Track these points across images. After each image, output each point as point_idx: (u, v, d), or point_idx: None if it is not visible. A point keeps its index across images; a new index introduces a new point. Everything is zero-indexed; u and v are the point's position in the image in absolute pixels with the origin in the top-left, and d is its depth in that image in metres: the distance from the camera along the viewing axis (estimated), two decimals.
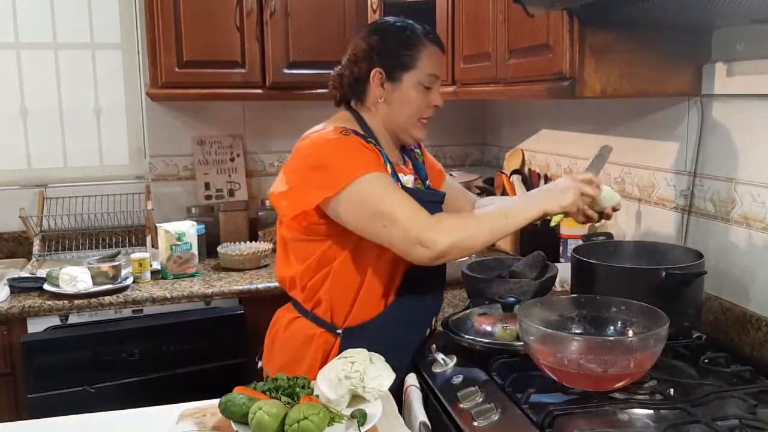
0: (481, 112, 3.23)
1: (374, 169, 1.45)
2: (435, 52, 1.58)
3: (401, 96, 1.58)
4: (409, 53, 1.55)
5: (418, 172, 1.72)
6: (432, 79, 1.58)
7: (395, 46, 1.56)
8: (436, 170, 1.85)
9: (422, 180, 1.72)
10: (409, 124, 1.60)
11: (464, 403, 1.36)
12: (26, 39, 2.73)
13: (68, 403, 2.06)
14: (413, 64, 1.55)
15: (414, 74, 1.56)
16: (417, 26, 1.60)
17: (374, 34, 1.59)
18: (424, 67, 1.56)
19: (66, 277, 2.20)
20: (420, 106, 1.59)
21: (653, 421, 1.21)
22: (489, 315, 1.62)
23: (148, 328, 2.21)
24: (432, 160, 1.87)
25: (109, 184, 2.83)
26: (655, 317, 1.33)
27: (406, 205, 1.44)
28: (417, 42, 1.56)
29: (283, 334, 1.66)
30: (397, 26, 1.59)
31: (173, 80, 2.54)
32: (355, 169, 1.44)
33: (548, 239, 2.33)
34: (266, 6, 2.56)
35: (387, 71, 1.56)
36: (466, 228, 1.44)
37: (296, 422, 1.18)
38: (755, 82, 1.57)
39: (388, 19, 1.63)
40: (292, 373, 1.51)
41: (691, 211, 1.80)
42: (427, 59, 1.56)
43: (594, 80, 1.65)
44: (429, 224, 1.42)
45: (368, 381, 1.32)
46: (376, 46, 1.56)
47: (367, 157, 1.48)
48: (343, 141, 1.48)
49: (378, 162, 1.50)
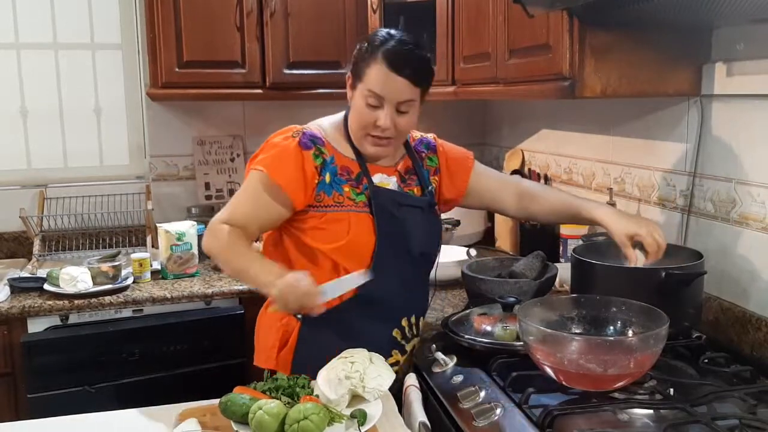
0: (481, 112, 3.23)
1: (266, 171, 1.55)
2: (382, 72, 1.50)
3: (353, 104, 1.58)
4: (362, 64, 1.54)
5: (419, 177, 1.71)
6: (374, 98, 1.52)
7: (358, 54, 1.56)
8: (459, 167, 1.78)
9: (423, 186, 1.70)
10: (358, 136, 1.59)
11: (464, 403, 1.36)
12: (26, 39, 2.73)
13: (68, 403, 2.06)
14: (362, 76, 1.54)
15: (361, 87, 1.54)
16: (388, 41, 1.53)
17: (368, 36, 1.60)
18: (367, 82, 1.53)
19: (66, 277, 2.20)
20: (363, 121, 1.56)
21: (653, 421, 1.21)
22: (489, 315, 1.62)
23: (149, 328, 2.21)
24: (454, 158, 1.79)
25: (110, 184, 2.83)
26: (655, 317, 1.33)
27: (234, 204, 1.59)
28: (369, 56, 1.52)
29: (259, 319, 1.73)
30: (372, 36, 1.57)
31: (173, 80, 2.54)
32: (259, 162, 1.57)
33: (548, 239, 2.34)
34: (266, 6, 2.56)
35: (351, 76, 1.58)
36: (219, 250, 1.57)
37: (296, 422, 1.18)
38: (755, 82, 1.57)
39: (391, 30, 1.59)
40: (260, 355, 1.67)
41: (691, 211, 1.80)
42: (371, 75, 1.52)
43: (594, 80, 1.65)
44: (212, 226, 1.58)
45: (368, 381, 1.32)
46: (356, 49, 1.58)
47: (279, 159, 1.55)
48: (278, 141, 1.59)
49: (286, 168, 1.54)
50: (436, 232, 1.74)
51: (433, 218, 1.72)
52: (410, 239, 1.63)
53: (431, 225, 1.71)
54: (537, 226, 2.43)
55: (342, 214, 1.57)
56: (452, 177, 1.77)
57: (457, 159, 1.79)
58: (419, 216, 1.65)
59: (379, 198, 1.60)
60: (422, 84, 1.56)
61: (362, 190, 1.60)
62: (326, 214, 1.57)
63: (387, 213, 1.60)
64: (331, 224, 1.57)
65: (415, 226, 1.64)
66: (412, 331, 1.70)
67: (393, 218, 1.60)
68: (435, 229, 1.73)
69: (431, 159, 1.76)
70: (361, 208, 1.59)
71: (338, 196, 1.58)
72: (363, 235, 1.57)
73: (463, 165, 1.79)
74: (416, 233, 1.64)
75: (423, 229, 1.66)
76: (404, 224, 1.62)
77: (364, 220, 1.58)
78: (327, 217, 1.57)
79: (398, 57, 1.51)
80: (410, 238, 1.63)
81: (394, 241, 1.60)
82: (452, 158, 1.78)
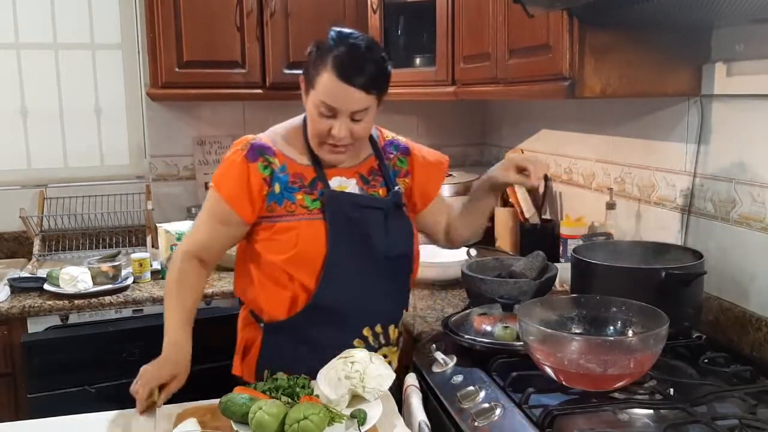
0: (481, 112, 3.23)
1: (215, 186, 1.56)
2: (332, 82, 1.43)
3: (307, 111, 1.53)
4: (312, 71, 1.48)
5: (385, 178, 1.64)
6: (326, 108, 1.46)
7: (310, 59, 1.50)
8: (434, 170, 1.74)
9: (389, 186, 1.63)
10: (314, 143, 1.54)
11: (464, 403, 1.36)
12: (26, 39, 2.73)
13: (68, 403, 2.06)
14: (313, 83, 1.48)
15: (313, 95, 1.48)
16: (338, 46, 1.45)
17: (319, 40, 1.52)
18: (319, 92, 1.46)
19: (66, 277, 2.20)
20: (318, 130, 1.50)
21: (653, 421, 1.22)
22: (489, 315, 1.62)
23: (149, 328, 2.20)
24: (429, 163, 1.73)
25: (110, 184, 2.83)
26: (655, 317, 1.33)
27: (194, 229, 1.61)
28: (319, 63, 1.45)
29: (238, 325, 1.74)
30: (327, 41, 1.48)
31: (173, 80, 2.54)
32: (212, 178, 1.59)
33: (548, 239, 2.34)
34: (266, 6, 2.56)
35: (304, 80, 1.53)
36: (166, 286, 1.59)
37: (296, 422, 1.18)
38: (755, 82, 1.57)
39: (343, 31, 1.50)
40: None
41: (691, 211, 1.80)
42: (322, 85, 1.45)
43: (594, 80, 1.65)
44: (173, 256, 1.62)
45: (368, 381, 1.32)
46: (308, 52, 1.52)
47: (226, 174, 1.55)
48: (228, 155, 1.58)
49: (232, 182, 1.53)
50: (406, 233, 1.65)
51: (402, 219, 1.64)
52: (372, 243, 1.56)
53: (399, 226, 1.63)
54: (537, 226, 2.43)
55: (292, 223, 1.52)
56: (427, 180, 1.72)
57: (432, 163, 1.73)
58: (382, 218, 1.58)
59: (333, 202, 1.54)
60: (377, 91, 1.48)
61: (317, 197, 1.54)
62: (276, 224, 1.53)
63: (343, 217, 1.54)
64: (281, 234, 1.53)
65: (378, 229, 1.57)
66: (379, 340, 1.62)
67: (350, 222, 1.54)
68: (404, 230, 1.64)
69: (401, 161, 1.69)
70: (315, 215, 1.53)
71: (290, 204, 1.53)
72: (314, 243, 1.52)
73: (438, 168, 1.74)
74: (379, 236, 1.57)
75: (389, 231, 1.59)
76: (365, 227, 1.56)
77: (316, 227, 1.52)
78: (276, 227, 1.53)
79: (349, 65, 1.43)
80: (372, 241, 1.56)
81: (353, 246, 1.54)
82: (427, 163, 1.72)
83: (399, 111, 3.05)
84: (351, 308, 1.56)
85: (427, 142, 3.17)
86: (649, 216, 1.98)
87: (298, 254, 1.51)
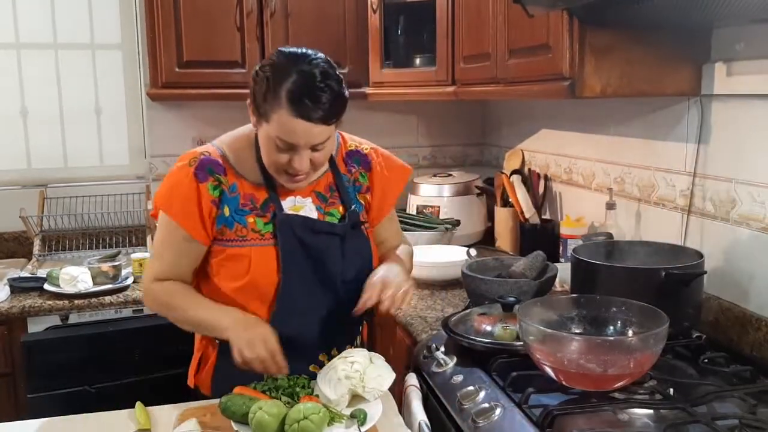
0: (481, 112, 3.23)
1: (164, 209, 1.45)
2: (289, 120, 1.31)
3: (260, 138, 1.42)
4: (264, 104, 1.34)
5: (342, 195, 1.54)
6: (283, 143, 1.35)
7: (258, 87, 1.36)
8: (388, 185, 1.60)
9: (347, 204, 1.54)
10: (271, 170, 1.43)
11: (464, 403, 1.36)
12: (27, 39, 2.73)
13: (68, 402, 2.06)
14: (266, 117, 1.35)
15: (267, 127, 1.36)
16: (289, 75, 1.32)
17: (265, 63, 1.39)
18: (274, 129, 1.34)
19: (66, 277, 2.20)
20: (275, 161, 1.39)
21: (653, 421, 1.21)
22: (489, 315, 1.62)
23: (149, 327, 2.21)
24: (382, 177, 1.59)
25: (110, 184, 2.83)
26: (655, 317, 1.33)
27: (155, 256, 1.51)
28: (273, 99, 1.32)
29: None
30: (273, 66, 1.35)
31: (173, 80, 2.54)
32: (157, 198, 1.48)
33: (548, 239, 2.34)
34: (266, 6, 2.56)
35: (253, 107, 1.40)
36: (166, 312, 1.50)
37: (296, 422, 1.18)
38: (755, 82, 1.57)
39: (290, 51, 1.37)
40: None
41: (691, 211, 1.80)
42: (276, 122, 1.33)
43: (594, 80, 1.65)
44: (145, 289, 1.52)
45: (368, 381, 1.33)
46: (252, 77, 1.39)
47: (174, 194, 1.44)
48: (174, 171, 1.47)
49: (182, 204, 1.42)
50: (365, 255, 1.55)
51: (359, 239, 1.54)
52: (328, 268, 1.48)
53: (356, 248, 1.53)
54: (537, 226, 2.43)
55: (243, 250, 1.43)
56: (383, 195, 1.60)
57: (389, 178, 1.60)
58: (338, 241, 1.49)
59: (285, 227, 1.44)
60: (336, 118, 1.37)
61: (270, 219, 1.45)
62: (227, 249, 1.44)
63: (297, 242, 1.45)
64: (231, 261, 1.44)
65: (334, 252, 1.49)
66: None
67: (304, 247, 1.46)
68: (362, 252, 1.54)
69: (363, 175, 1.58)
70: (267, 241, 1.44)
71: (241, 229, 1.44)
72: (265, 272, 1.43)
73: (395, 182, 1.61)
74: (335, 260, 1.49)
75: (345, 254, 1.50)
76: (319, 253, 1.47)
77: (268, 254, 1.44)
78: (227, 252, 1.44)
79: (307, 100, 1.30)
80: (328, 266, 1.48)
81: (307, 273, 1.47)
82: (384, 178, 1.59)
83: (399, 111, 3.06)
84: (306, 338, 1.48)
85: (427, 142, 3.22)
86: (649, 216, 1.98)
87: (249, 284, 1.43)
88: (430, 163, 3.19)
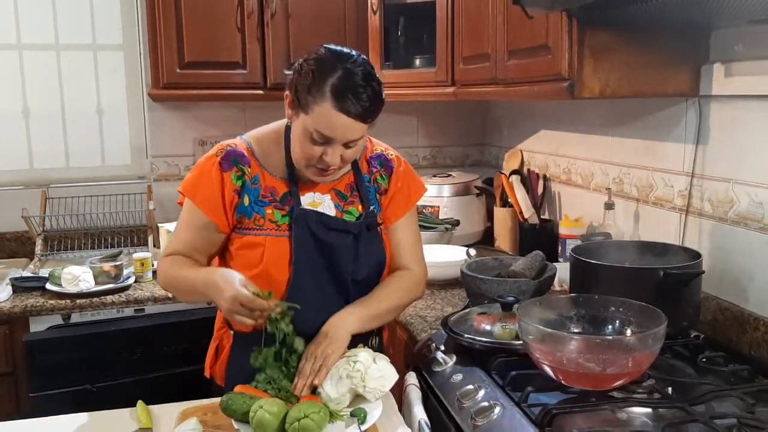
0: (481, 112, 3.24)
1: (188, 195, 1.51)
2: (331, 113, 1.35)
3: (295, 132, 1.44)
4: (306, 95, 1.37)
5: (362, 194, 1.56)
6: (320, 136, 1.38)
7: (301, 79, 1.39)
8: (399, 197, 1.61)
9: (365, 204, 1.55)
10: (300, 164, 1.46)
11: (464, 401, 1.37)
12: (28, 40, 2.74)
13: (70, 402, 2.07)
14: (306, 109, 1.38)
15: (305, 120, 1.39)
16: (335, 70, 1.36)
17: (310, 56, 1.41)
18: (314, 120, 1.37)
19: (68, 277, 2.21)
20: (307, 153, 1.42)
21: (652, 420, 1.22)
22: (488, 314, 1.62)
23: (150, 327, 2.22)
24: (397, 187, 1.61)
25: (111, 184, 2.84)
26: (654, 317, 1.33)
27: (174, 236, 1.55)
28: (315, 89, 1.36)
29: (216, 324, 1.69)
30: (319, 60, 1.38)
31: (174, 81, 2.55)
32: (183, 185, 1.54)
33: (548, 239, 2.34)
34: (267, 7, 2.57)
35: (292, 99, 1.43)
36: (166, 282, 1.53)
37: (297, 420, 1.19)
38: (753, 83, 1.57)
39: (336, 49, 1.41)
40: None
41: (689, 211, 1.81)
42: (317, 114, 1.36)
43: (593, 81, 1.66)
44: (158, 262, 1.57)
45: (369, 381, 1.33)
46: (296, 69, 1.42)
47: (199, 182, 1.50)
48: (202, 161, 1.53)
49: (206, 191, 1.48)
50: (378, 258, 1.56)
51: (374, 242, 1.55)
52: (339, 266, 1.50)
53: (370, 251, 1.54)
54: (536, 226, 2.44)
55: (258, 239, 1.47)
56: (396, 204, 1.61)
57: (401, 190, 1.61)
58: (352, 240, 1.51)
59: (301, 221, 1.47)
60: (373, 118, 1.41)
61: (288, 212, 1.48)
62: (244, 237, 1.48)
63: (310, 237, 1.47)
64: (247, 249, 1.48)
65: (347, 251, 1.50)
66: None
67: (317, 243, 1.48)
68: (375, 255, 1.56)
69: (383, 177, 1.60)
70: (283, 232, 1.47)
71: (259, 218, 1.48)
72: (278, 263, 1.46)
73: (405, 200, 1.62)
74: (347, 259, 1.50)
75: (358, 254, 1.52)
76: (332, 249, 1.49)
77: (282, 245, 1.47)
78: (244, 240, 1.48)
79: (349, 94, 1.34)
80: (339, 264, 1.50)
81: (318, 269, 1.49)
82: (397, 190, 1.60)
83: (399, 111, 3.07)
84: (314, 333, 1.46)
85: (427, 142, 3.23)
86: (648, 216, 1.99)
87: (262, 273, 1.45)
88: (430, 163, 3.20)
